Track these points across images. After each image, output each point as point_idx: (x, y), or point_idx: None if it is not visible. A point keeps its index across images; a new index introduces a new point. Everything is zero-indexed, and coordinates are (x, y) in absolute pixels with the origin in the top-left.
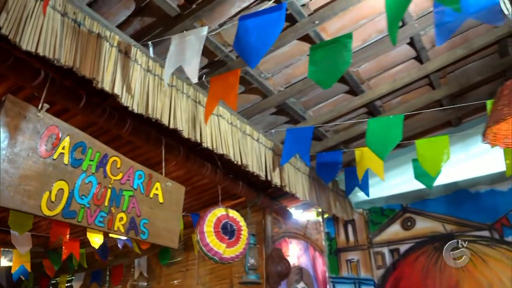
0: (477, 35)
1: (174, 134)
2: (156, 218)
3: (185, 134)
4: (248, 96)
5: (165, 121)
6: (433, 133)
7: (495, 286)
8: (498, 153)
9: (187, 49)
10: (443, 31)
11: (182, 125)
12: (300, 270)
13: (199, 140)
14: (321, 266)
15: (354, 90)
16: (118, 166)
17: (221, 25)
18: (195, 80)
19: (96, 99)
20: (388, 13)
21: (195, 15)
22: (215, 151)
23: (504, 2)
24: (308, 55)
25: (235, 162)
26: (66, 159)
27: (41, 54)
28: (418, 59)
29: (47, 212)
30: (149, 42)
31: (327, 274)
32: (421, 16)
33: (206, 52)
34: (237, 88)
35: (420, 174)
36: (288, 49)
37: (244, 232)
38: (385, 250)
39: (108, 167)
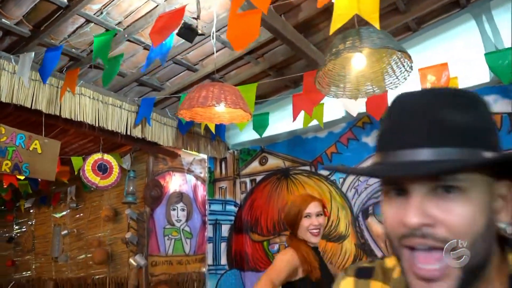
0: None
1: None
2: (35, 163)
3: (45, 111)
4: None
5: (27, 105)
6: (277, 94)
7: None
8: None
9: (25, 65)
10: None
11: (43, 106)
12: (181, 194)
13: (58, 114)
14: (202, 192)
15: (191, 69)
16: (3, 132)
17: (69, 35)
18: (27, 84)
19: None
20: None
21: (43, 34)
22: (73, 119)
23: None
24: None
25: (92, 125)
26: None
27: None
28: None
29: None
30: (11, 56)
31: (206, 197)
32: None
33: (66, 54)
34: (76, 82)
35: (257, 126)
36: (125, 47)
37: (115, 169)
38: (247, 180)
39: None
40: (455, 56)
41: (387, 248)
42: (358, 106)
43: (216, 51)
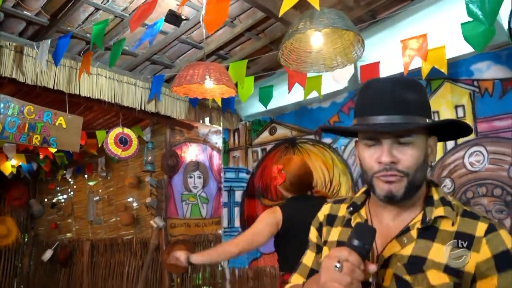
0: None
1: None
2: (61, 136)
3: (66, 91)
4: (126, 57)
5: (50, 86)
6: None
7: (312, 170)
8: (324, 80)
9: (43, 51)
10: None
11: (64, 86)
12: (197, 163)
13: (77, 93)
14: (218, 160)
15: (196, 47)
16: (32, 110)
17: (83, 22)
18: (45, 67)
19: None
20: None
21: (59, 22)
22: (91, 97)
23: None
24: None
25: (109, 101)
26: None
27: None
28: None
29: None
30: (34, 43)
31: (221, 166)
32: None
33: (82, 39)
34: (89, 64)
35: (262, 98)
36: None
37: (135, 141)
38: (259, 149)
39: (25, 111)
40: (450, 24)
41: None
42: (345, 78)
43: (217, 31)
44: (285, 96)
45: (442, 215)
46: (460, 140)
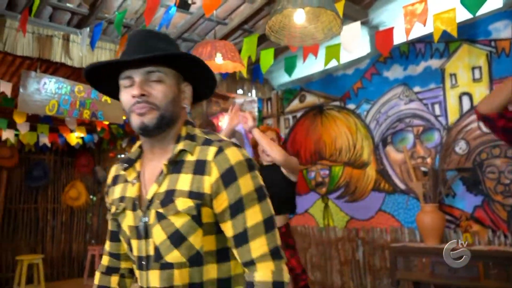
0: None
1: None
2: (107, 110)
3: None
4: None
5: None
6: None
7: (338, 136)
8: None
9: (84, 37)
10: (160, 26)
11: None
12: (233, 131)
13: None
14: None
15: (221, 23)
16: (82, 89)
17: (118, 9)
18: (85, 52)
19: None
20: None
21: (98, 9)
22: None
23: None
24: None
25: None
26: (53, 91)
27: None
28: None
29: (49, 113)
30: (78, 30)
31: None
32: None
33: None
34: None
35: (287, 68)
36: (161, 13)
37: None
38: (290, 116)
39: (76, 90)
40: None
41: (402, 173)
42: (355, 46)
43: (238, 7)
44: (312, 65)
45: (182, 148)
46: (475, 102)
